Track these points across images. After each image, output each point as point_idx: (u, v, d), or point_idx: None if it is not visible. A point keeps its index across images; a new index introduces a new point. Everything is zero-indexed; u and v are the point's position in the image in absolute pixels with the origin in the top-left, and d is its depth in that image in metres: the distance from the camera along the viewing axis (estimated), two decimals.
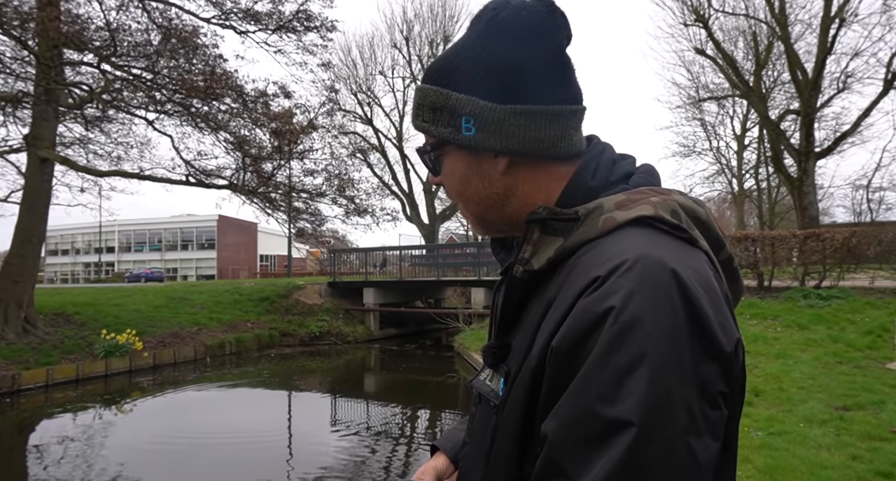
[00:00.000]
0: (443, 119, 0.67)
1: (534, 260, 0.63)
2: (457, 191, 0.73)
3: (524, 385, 0.59)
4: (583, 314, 0.52)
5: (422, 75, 0.76)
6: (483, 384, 0.71)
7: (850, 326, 7.99)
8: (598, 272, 0.53)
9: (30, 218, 11.44)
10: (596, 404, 0.48)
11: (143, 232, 49.77)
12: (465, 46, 0.68)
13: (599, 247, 0.58)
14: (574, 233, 0.61)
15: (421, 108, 0.70)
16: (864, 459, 3.81)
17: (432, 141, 0.71)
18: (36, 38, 9.94)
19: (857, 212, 23.88)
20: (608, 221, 0.59)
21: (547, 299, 0.60)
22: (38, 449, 7.17)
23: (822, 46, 14.92)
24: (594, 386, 0.49)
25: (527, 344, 0.61)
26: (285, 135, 12.02)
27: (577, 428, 0.49)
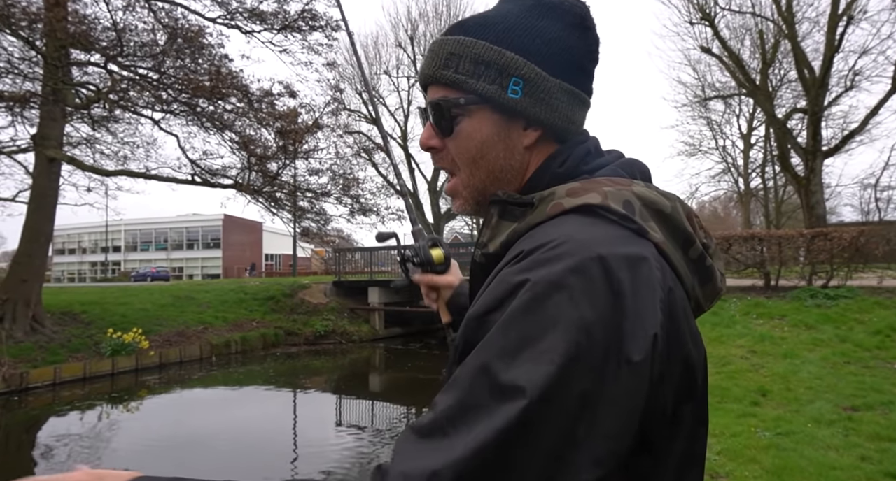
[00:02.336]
0: (488, 75, 0.64)
1: (490, 244, 0.63)
2: (470, 156, 0.67)
3: (452, 361, 0.58)
4: (497, 283, 0.52)
5: (448, 27, 0.70)
6: (449, 374, 0.69)
7: (858, 326, 7.93)
8: (523, 246, 0.54)
9: (37, 217, 11.51)
10: (493, 365, 0.47)
11: (149, 231, 50.02)
12: (515, 14, 0.65)
13: (539, 230, 0.57)
14: (526, 218, 0.61)
15: (457, 58, 0.65)
16: (874, 460, 3.78)
17: (461, 95, 0.65)
18: (44, 39, 10.00)
19: (865, 211, 23.71)
20: (555, 207, 0.59)
21: None
22: (45, 447, 7.23)
23: (829, 44, 14.81)
24: (494, 348, 0.48)
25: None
26: (290, 134, 12.05)
27: (467, 389, 0.48)
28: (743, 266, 11.17)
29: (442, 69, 0.66)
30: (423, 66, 0.69)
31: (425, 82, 0.69)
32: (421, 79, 0.70)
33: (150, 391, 10.39)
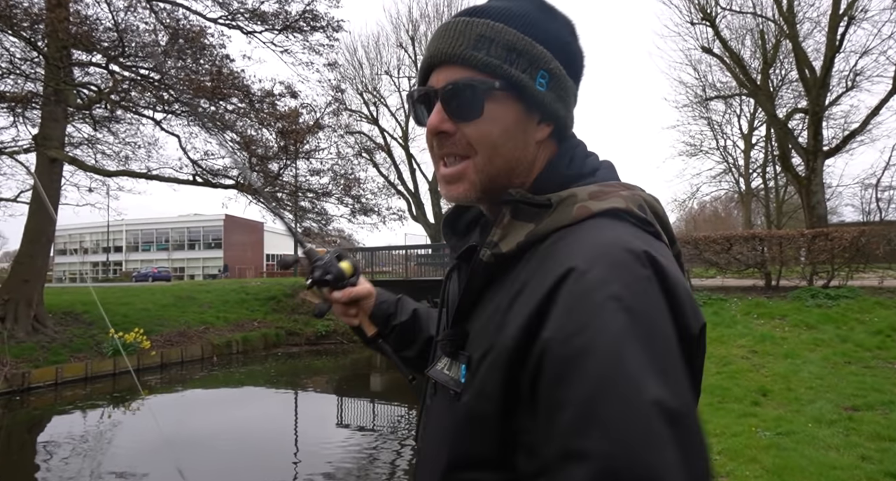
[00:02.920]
0: (520, 63, 0.64)
1: (502, 243, 0.63)
2: (492, 142, 0.65)
3: (498, 368, 0.56)
4: (568, 312, 0.51)
5: (465, 9, 0.68)
6: (440, 373, 0.68)
7: (859, 326, 7.92)
8: (577, 262, 0.53)
9: (39, 218, 11.54)
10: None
11: (150, 231, 50.08)
12: (533, 11, 0.66)
13: (573, 234, 0.58)
14: (546, 219, 0.61)
15: (488, 41, 0.63)
16: (874, 460, 3.78)
17: (493, 79, 0.63)
18: (45, 39, 10.03)
19: (866, 211, 23.69)
20: (582, 210, 0.60)
21: (518, 283, 0.59)
22: (47, 447, 7.25)
23: (830, 44, 14.79)
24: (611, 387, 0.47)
25: (493, 328, 0.60)
26: (291, 134, 12.07)
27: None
28: (744, 266, 11.17)
29: (472, 49, 0.64)
30: (441, 45, 0.65)
31: (444, 61, 0.65)
32: (439, 57, 0.66)
33: (151, 391, 10.40)
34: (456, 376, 0.64)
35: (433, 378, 0.70)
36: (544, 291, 0.54)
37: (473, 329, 0.65)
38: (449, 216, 0.83)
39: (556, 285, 0.53)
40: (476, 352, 0.61)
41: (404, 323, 0.98)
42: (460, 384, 0.62)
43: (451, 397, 0.63)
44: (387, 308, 0.97)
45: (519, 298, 0.58)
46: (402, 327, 0.98)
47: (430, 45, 0.68)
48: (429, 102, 0.68)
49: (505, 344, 0.56)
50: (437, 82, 0.66)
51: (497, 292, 0.63)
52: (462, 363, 0.63)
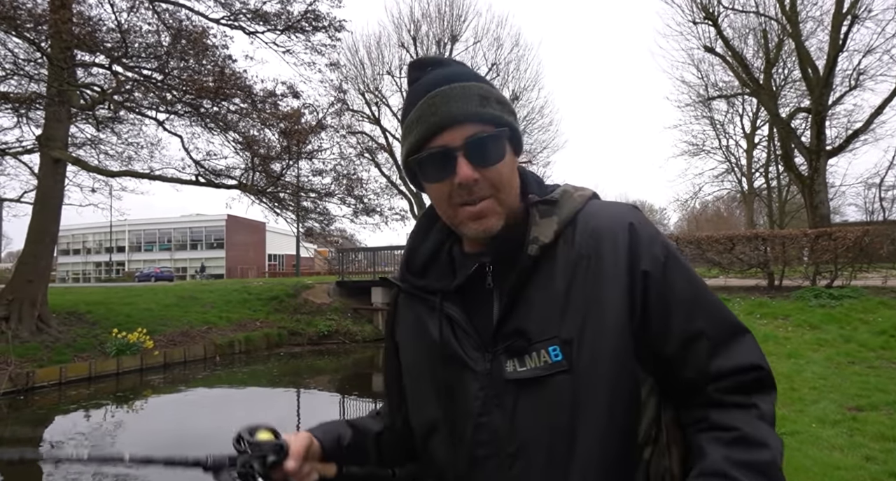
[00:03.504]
0: (509, 111, 0.81)
1: (542, 237, 0.78)
2: (506, 179, 0.80)
3: (616, 319, 0.73)
4: (651, 244, 0.77)
5: (447, 79, 0.80)
6: (517, 373, 0.76)
7: (862, 326, 7.91)
8: (629, 216, 0.79)
9: (42, 218, 11.57)
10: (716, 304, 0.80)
11: (153, 231, 50.19)
12: (475, 72, 0.84)
13: (594, 210, 0.81)
14: (563, 209, 0.80)
15: (487, 101, 0.78)
16: (878, 460, 3.78)
17: (499, 128, 0.78)
18: (49, 40, 10.04)
19: (869, 211, 23.67)
20: (581, 197, 0.83)
21: (572, 258, 0.77)
22: (51, 446, 7.26)
23: (833, 43, 14.76)
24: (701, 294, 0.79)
25: (573, 302, 0.74)
26: (294, 135, 12.07)
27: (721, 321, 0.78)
28: (747, 266, 11.16)
29: (480, 107, 0.77)
30: (450, 110, 0.76)
31: (461, 121, 0.76)
32: (452, 120, 0.76)
33: (154, 390, 10.43)
34: (541, 362, 0.74)
35: (513, 378, 0.76)
36: (625, 245, 0.75)
37: (532, 322, 0.76)
38: (406, 260, 0.92)
39: (630, 238, 0.76)
40: (564, 330, 0.74)
41: (352, 438, 0.95)
42: (558, 363, 0.73)
43: (552, 378, 0.73)
44: (331, 441, 0.92)
45: (592, 265, 0.75)
46: (351, 444, 0.94)
47: (431, 114, 0.77)
48: (444, 160, 0.77)
49: (613, 297, 0.73)
50: (454, 140, 0.76)
51: (538, 282, 0.77)
52: (545, 348, 0.74)
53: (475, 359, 0.79)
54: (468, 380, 0.80)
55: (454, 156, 0.76)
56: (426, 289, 0.86)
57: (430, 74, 0.81)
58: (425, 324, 0.87)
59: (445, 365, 0.82)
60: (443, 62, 0.83)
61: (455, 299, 0.84)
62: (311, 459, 0.87)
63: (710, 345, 0.75)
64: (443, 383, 0.83)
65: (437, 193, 0.81)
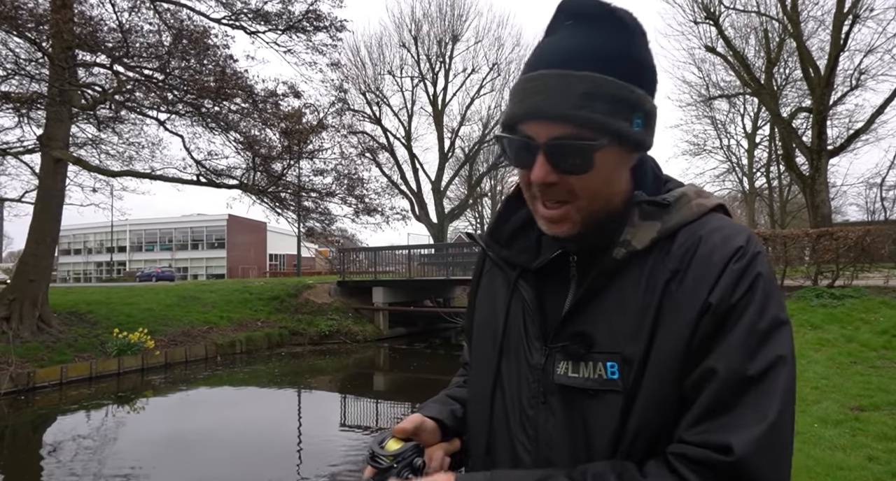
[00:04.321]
0: (621, 113, 0.66)
1: (635, 241, 0.69)
2: (595, 189, 0.69)
3: (677, 352, 0.64)
4: (740, 275, 0.65)
5: (561, 57, 0.67)
6: (568, 377, 0.70)
7: (864, 326, 7.89)
8: (739, 242, 0.67)
9: (44, 218, 11.58)
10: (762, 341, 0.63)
11: (153, 231, 50.22)
12: (622, 43, 0.67)
13: (707, 226, 0.69)
14: (672, 216, 0.70)
15: (591, 98, 0.64)
16: (881, 460, 3.77)
17: (597, 135, 0.65)
18: (50, 40, 10.05)
19: (870, 211, 23.66)
20: (700, 207, 0.72)
21: (662, 273, 0.67)
22: (52, 446, 7.27)
23: (834, 43, 14.73)
24: (757, 330, 0.63)
25: (647, 322, 0.66)
26: (295, 134, 12.07)
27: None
28: None
29: (576, 109, 0.64)
30: (540, 104, 0.66)
31: (548, 118, 0.66)
32: (540, 114, 0.66)
33: (155, 390, 10.44)
34: (595, 375, 0.68)
35: (560, 382, 0.71)
36: (716, 272, 0.65)
37: (600, 328, 0.69)
38: (493, 226, 0.86)
39: (725, 265, 0.65)
40: (628, 348, 0.66)
41: (461, 410, 0.92)
42: (612, 382, 0.67)
43: (601, 395, 0.67)
44: (448, 418, 0.88)
45: (678, 285, 0.66)
46: (464, 416, 0.91)
47: (522, 100, 0.68)
48: (525, 150, 0.69)
49: (681, 325, 0.64)
50: (538, 135, 0.67)
51: (619, 289, 0.69)
52: (603, 361, 0.68)
53: (534, 349, 0.75)
54: (523, 368, 0.76)
55: (535, 150, 0.68)
56: (507, 261, 0.82)
57: (557, 35, 0.69)
58: (498, 295, 0.83)
59: (505, 346, 0.79)
60: (584, 18, 0.67)
61: (532, 280, 0.79)
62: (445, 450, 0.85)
63: (712, 395, 0.62)
64: (498, 363, 0.79)
65: (520, 176, 0.74)
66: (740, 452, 0.58)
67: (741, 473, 0.58)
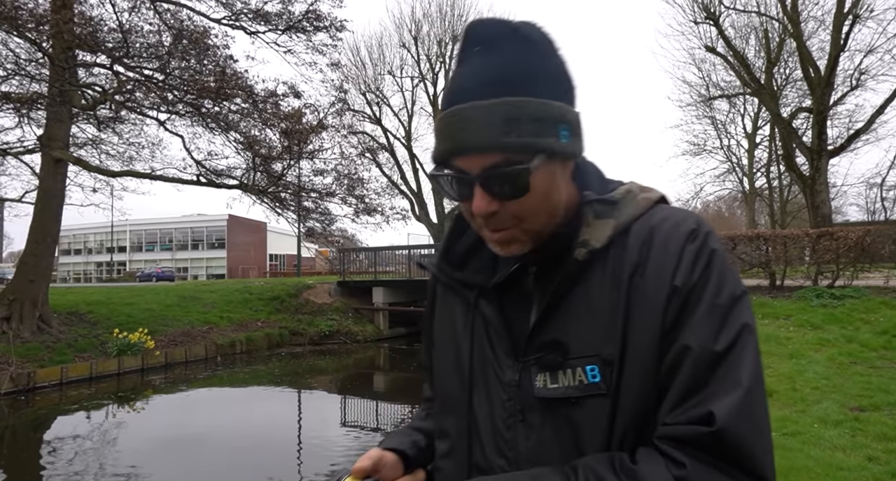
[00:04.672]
0: (545, 130, 0.65)
1: (593, 240, 0.69)
2: (536, 207, 0.68)
3: (653, 343, 0.64)
4: (697, 255, 0.67)
5: (476, 88, 0.66)
6: (548, 390, 0.69)
7: (864, 326, 7.89)
8: (691, 226, 0.69)
9: (44, 218, 11.59)
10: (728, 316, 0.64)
11: (154, 231, 50.25)
12: (531, 60, 0.67)
13: (656, 216, 0.71)
14: (622, 212, 0.71)
15: (515, 122, 0.64)
16: (881, 460, 3.77)
17: (526, 157, 0.64)
18: (50, 40, 10.06)
19: (870, 211, 23.65)
20: (646, 201, 0.73)
21: (624, 267, 0.68)
22: (52, 446, 7.27)
23: (835, 43, 14.73)
24: (719, 304, 0.64)
25: (619, 319, 0.66)
26: (295, 135, 12.08)
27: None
28: (748, 266, 11.13)
29: (502, 137, 0.64)
30: (465, 138, 0.65)
31: (476, 151, 0.65)
32: (467, 149, 0.66)
33: (155, 390, 10.44)
34: (575, 382, 0.67)
35: (541, 396, 0.69)
36: (675, 257, 0.66)
37: (571, 333, 0.69)
38: (444, 248, 0.84)
39: (682, 250, 0.67)
40: (606, 349, 0.66)
41: (424, 440, 0.92)
42: (595, 385, 0.66)
43: (585, 401, 0.67)
44: (410, 447, 0.88)
45: (640, 278, 0.67)
46: (426, 445, 0.91)
47: (447, 136, 0.67)
48: (461, 184, 0.68)
49: (651, 315, 0.65)
50: (471, 167, 0.66)
51: (584, 291, 0.69)
52: (581, 366, 0.67)
53: (504, 367, 0.73)
54: (495, 389, 0.74)
55: (471, 183, 0.67)
56: (463, 282, 0.80)
57: (468, 64, 0.68)
58: (457, 320, 0.81)
59: (473, 368, 0.77)
60: (489, 44, 0.67)
61: (492, 298, 0.77)
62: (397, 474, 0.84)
63: (690, 372, 0.62)
64: (468, 388, 0.77)
65: (462, 208, 0.73)
66: (722, 420, 0.58)
67: (726, 441, 0.58)
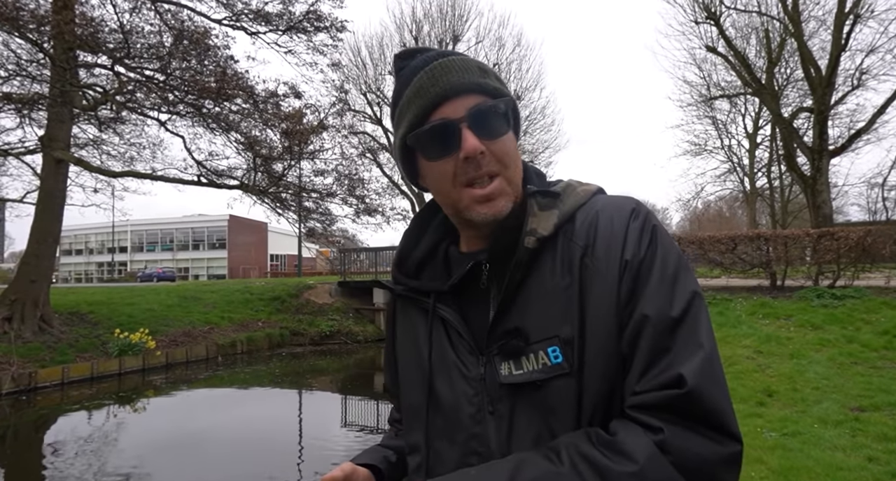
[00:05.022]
0: (505, 88, 0.77)
1: (540, 228, 0.72)
2: (513, 154, 0.76)
3: (610, 319, 0.67)
4: (640, 231, 0.70)
5: (447, 53, 0.78)
6: (516, 376, 0.70)
7: (865, 326, 7.88)
8: (630, 206, 0.73)
9: (45, 218, 11.61)
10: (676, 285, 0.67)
11: (154, 232, 50.29)
12: (475, 61, 0.79)
13: (598, 203, 0.76)
14: (565, 202, 0.75)
15: (488, 73, 0.76)
16: (881, 461, 3.77)
17: (500, 101, 0.75)
18: (51, 41, 10.08)
19: (872, 211, 23.62)
20: (586, 192, 0.78)
21: (573, 250, 0.71)
22: (54, 446, 7.28)
23: (836, 43, 14.72)
24: (668, 274, 0.68)
25: (573, 299, 0.69)
26: (296, 135, 12.08)
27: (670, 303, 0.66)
28: (749, 266, 11.13)
29: (481, 78, 0.74)
30: (451, 80, 0.73)
31: (462, 91, 0.73)
32: (454, 89, 0.73)
33: (156, 390, 10.45)
34: (540, 365, 0.69)
35: (508, 382, 0.71)
36: (620, 236, 0.70)
37: (530, 320, 0.71)
38: (398, 261, 0.87)
39: (626, 229, 0.70)
40: (564, 329, 0.68)
41: (395, 455, 0.95)
42: (558, 366, 0.68)
43: (551, 382, 0.68)
44: (381, 462, 0.91)
45: (589, 259, 0.70)
46: (398, 460, 0.94)
47: (434, 83, 0.74)
48: (448, 133, 0.73)
49: (605, 292, 0.68)
50: (456, 112, 0.73)
51: (537, 278, 0.72)
52: (543, 349, 0.69)
53: (468, 364, 0.74)
54: (461, 387, 0.75)
55: (458, 127, 0.72)
56: (419, 290, 0.82)
57: (418, 59, 0.78)
58: (417, 327, 0.83)
59: (437, 371, 0.78)
60: (429, 49, 0.80)
61: (449, 300, 0.78)
62: None
63: (651, 338, 0.65)
64: (433, 391, 0.78)
65: (441, 173, 0.75)
66: (692, 381, 0.60)
67: (697, 401, 0.60)
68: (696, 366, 0.61)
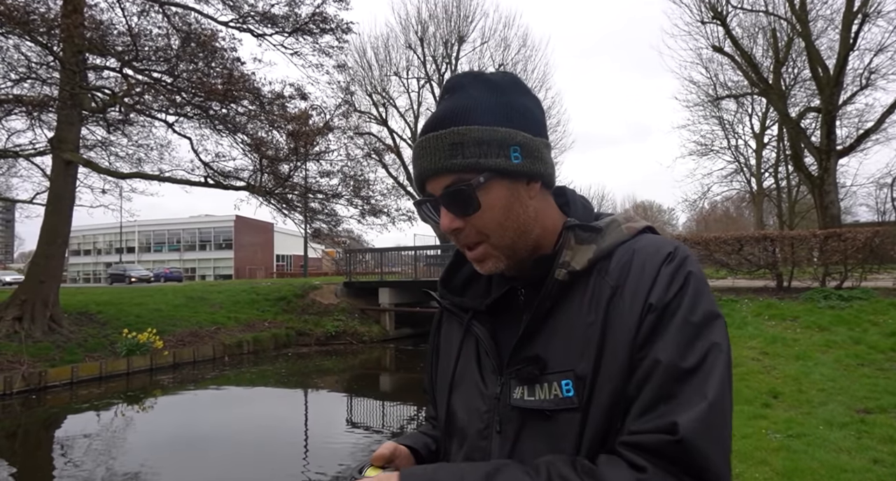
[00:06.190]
0: (491, 152, 0.74)
1: (574, 262, 0.74)
2: (497, 222, 0.75)
3: (625, 359, 0.67)
4: (672, 276, 0.69)
5: (428, 125, 0.78)
6: (524, 401, 0.74)
7: (872, 328, 7.83)
8: (668, 249, 0.72)
9: (55, 219, 11.73)
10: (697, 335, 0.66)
11: (162, 232, 50.61)
12: (485, 97, 0.77)
13: (639, 243, 0.75)
14: (605, 239, 0.76)
15: (461, 147, 0.73)
16: (887, 463, 3.76)
17: (475, 175, 0.73)
18: (61, 44, 10.19)
19: (880, 211, 23.44)
20: (630, 229, 0.77)
21: (604, 290, 0.71)
22: (63, 445, 7.37)
23: (844, 42, 14.63)
24: (692, 322, 0.66)
25: (594, 337, 0.70)
26: (302, 136, 12.14)
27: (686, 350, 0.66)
28: (755, 267, 11.08)
29: (449, 160, 0.74)
30: (423, 165, 0.76)
31: (432, 175, 0.76)
32: (426, 174, 0.76)
33: (164, 390, 10.54)
34: (550, 395, 0.71)
35: (518, 405, 0.74)
36: (650, 279, 0.69)
37: (551, 350, 0.73)
38: (444, 276, 0.92)
39: (657, 272, 0.70)
40: (580, 365, 0.70)
41: (434, 443, 0.96)
42: (565, 399, 0.70)
43: (559, 414, 0.70)
44: (423, 447, 0.93)
45: (618, 299, 0.70)
46: (437, 449, 0.96)
47: (414, 167, 0.78)
48: (433, 207, 0.78)
49: (625, 337, 0.68)
50: (435, 191, 0.76)
51: (566, 311, 0.73)
52: (557, 380, 0.71)
53: (489, 382, 0.79)
54: (476, 403, 0.80)
55: (437, 204, 0.77)
56: (460, 306, 0.87)
57: (435, 108, 0.80)
58: (453, 339, 0.88)
59: (459, 383, 0.84)
60: (454, 90, 0.79)
61: (485, 320, 0.83)
62: None
63: (658, 383, 0.65)
64: (451, 402, 0.84)
65: (445, 232, 0.80)
66: (685, 429, 0.61)
67: (688, 450, 0.60)
68: (695, 417, 0.61)
